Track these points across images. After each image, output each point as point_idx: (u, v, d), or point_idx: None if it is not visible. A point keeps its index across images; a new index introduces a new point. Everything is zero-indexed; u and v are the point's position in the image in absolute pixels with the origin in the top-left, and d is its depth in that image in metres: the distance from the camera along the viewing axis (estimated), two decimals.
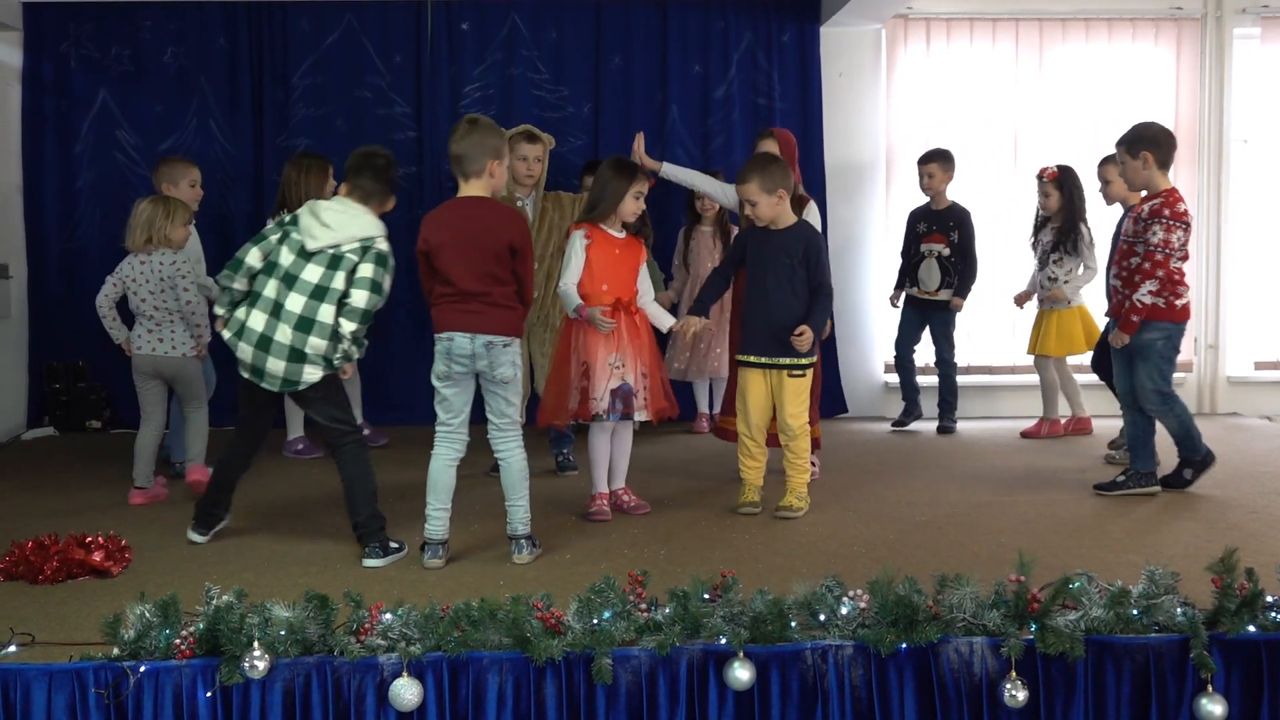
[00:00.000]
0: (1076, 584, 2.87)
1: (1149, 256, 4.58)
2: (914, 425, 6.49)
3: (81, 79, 6.61)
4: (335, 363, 3.92)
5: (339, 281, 3.86)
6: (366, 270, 3.88)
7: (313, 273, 3.86)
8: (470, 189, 3.86)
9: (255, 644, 2.64)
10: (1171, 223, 4.55)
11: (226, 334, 3.95)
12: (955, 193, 6.61)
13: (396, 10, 6.71)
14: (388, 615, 2.78)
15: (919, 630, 2.77)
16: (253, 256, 3.93)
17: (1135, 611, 2.85)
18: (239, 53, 6.66)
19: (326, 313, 3.85)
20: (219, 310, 4.01)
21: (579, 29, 6.79)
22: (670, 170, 5.31)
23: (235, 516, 4.29)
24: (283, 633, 2.68)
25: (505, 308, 3.86)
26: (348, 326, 3.87)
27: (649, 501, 4.66)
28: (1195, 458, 4.82)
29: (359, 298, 3.86)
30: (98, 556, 3.63)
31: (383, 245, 3.95)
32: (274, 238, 3.95)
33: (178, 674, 2.68)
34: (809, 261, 4.44)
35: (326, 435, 4.09)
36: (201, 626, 2.70)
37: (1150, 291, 4.57)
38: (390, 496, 4.80)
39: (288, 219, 3.99)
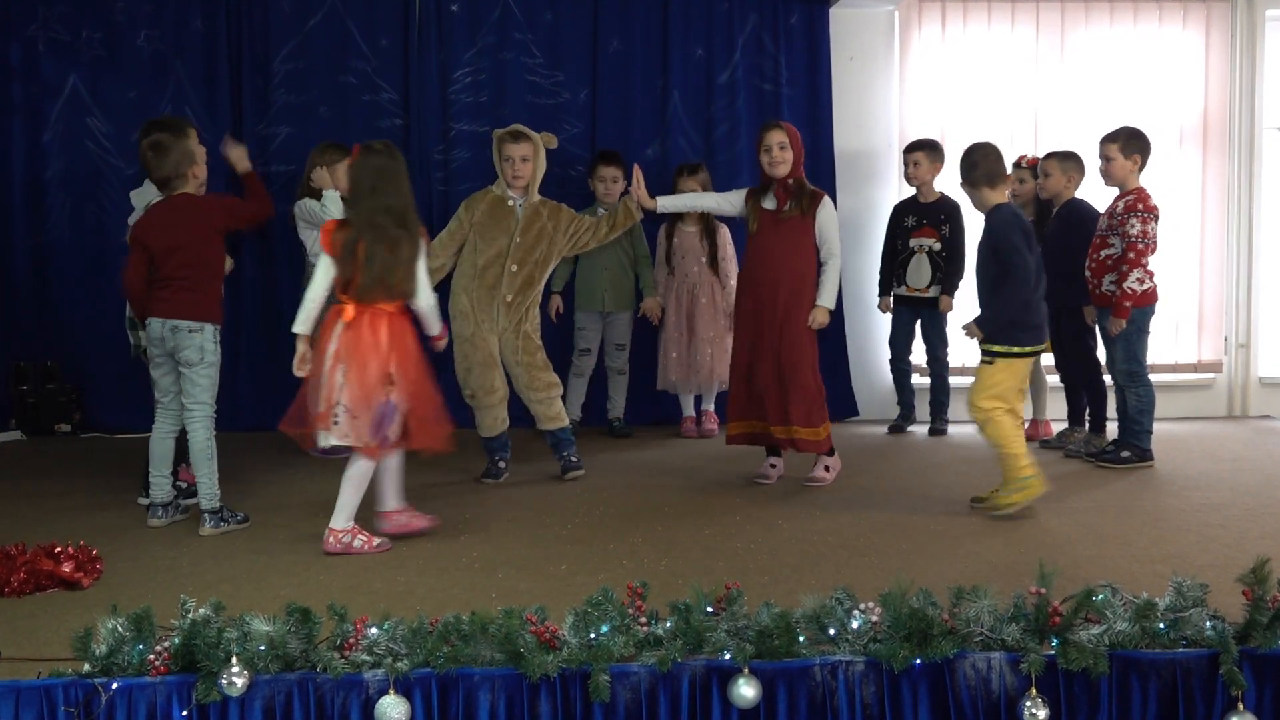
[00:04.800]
0: (1100, 596, 2.87)
1: (1132, 248, 5.28)
2: (911, 429, 6.61)
3: (50, 63, 6.60)
4: None
5: None
6: None
7: None
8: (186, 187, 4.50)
9: (234, 660, 2.64)
10: (1146, 215, 5.29)
11: None
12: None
13: None
14: (373, 629, 2.77)
15: (934, 645, 2.77)
16: None
17: (1162, 625, 2.84)
18: (217, 36, 6.64)
19: None
20: None
21: (575, 11, 6.78)
22: (667, 203, 5.35)
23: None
24: (262, 648, 2.68)
25: (197, 291, 4.40)
26: None
27: (650, 508, 4.71)
28: (1138, 446, 5.46)
29: None
30: (67, 567, 3.63)
31: None
32: None
33: (152, 691, 2.68)
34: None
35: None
36: (177, 641, 2.69)
37: (1138, 279, 5.28)
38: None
39: None
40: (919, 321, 6.52)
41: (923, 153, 6.39)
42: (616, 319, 6.45)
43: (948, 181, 6.53)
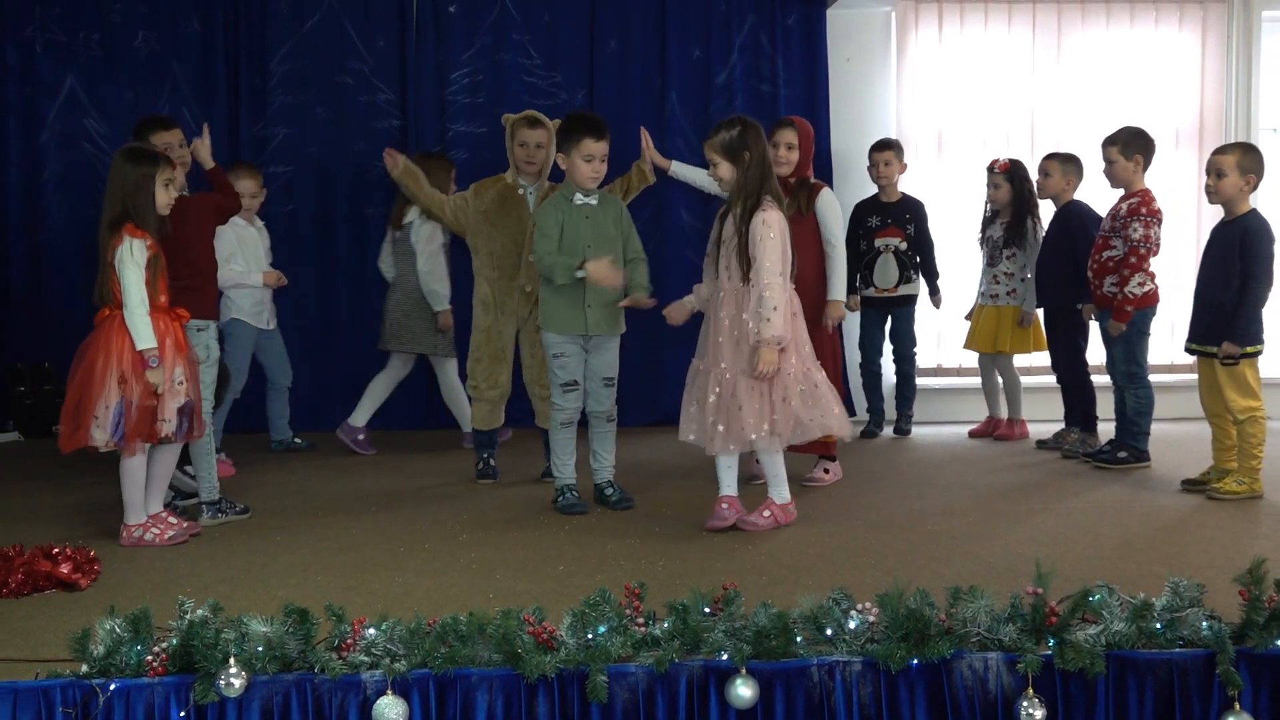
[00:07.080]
0: (1097, 596, 2.87)
1: (1134, 252, 5.28)
2: (885, 431, 6.64)
3: (48, 64, 6.61)
4: None
5: None
6: None
7: None
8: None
9: (231, 661, 2.64)
10: (1149, 219, 5.29)
11: None
12: (973, 183, 6.63)
13: None
14: (371, 630, 2.77)
15: (931, 645, 2.77)
16: None
17: (1159, 625, 2.85)
18: (214, 37, 6.66)
19: None
20: None
21: (573, 11, 6.79)
22: (680, 170, 5.32)
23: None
24: (260, 649, 2.68)
25: (200, 290, 4.49)
26: None
27: (647, 508, 4.71)
28: (1135, 446, 5.49)
29: None
30: (65, 568, 3.63)
31: None
32: None
33: (149, 692, 2.68)
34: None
35: None
36: (175, 642, 2.69)
37: (1139, 283, 5.29)
38: (375, 504, 4.82)
39: None
40: (888, 322, 6.56)
41: (893, 151, 6.44)
42: (604, 345, 4.79)
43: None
